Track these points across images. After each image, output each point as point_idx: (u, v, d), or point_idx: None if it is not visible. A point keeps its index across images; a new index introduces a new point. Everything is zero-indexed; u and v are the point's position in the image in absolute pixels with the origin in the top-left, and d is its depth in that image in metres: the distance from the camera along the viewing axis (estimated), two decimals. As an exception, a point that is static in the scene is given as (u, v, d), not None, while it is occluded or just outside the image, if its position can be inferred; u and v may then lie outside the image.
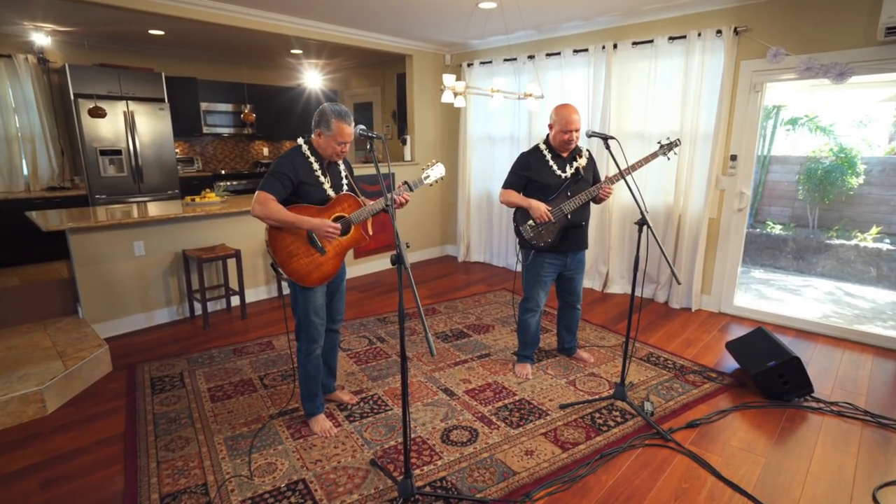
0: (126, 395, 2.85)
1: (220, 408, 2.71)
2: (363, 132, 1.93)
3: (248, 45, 5.99)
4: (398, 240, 1.73)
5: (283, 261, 2.26)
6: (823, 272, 6.17)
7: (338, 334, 2.71)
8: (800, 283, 5.69)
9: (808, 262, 6.41)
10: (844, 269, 6.15)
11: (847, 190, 6.61)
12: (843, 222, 6.75)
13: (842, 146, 6.62)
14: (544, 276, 2.94)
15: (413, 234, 5.90)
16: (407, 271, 1.70)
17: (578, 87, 4.66)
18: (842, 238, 6.48)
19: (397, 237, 1.73)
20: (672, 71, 4.07)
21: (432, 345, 1.58)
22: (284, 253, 2.26)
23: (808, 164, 6.89)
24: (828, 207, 6.94)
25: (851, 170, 6.48)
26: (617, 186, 2.96)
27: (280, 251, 2.25)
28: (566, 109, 2.76)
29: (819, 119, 6.87)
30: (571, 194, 2.79)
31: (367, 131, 1.93)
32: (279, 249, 2.25)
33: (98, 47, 5.67)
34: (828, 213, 6.99)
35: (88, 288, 3.57)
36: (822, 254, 6.41)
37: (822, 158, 6.80)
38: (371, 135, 1.91)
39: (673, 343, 3.56)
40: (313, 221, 2.25)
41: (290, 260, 2.27)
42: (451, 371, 3.14)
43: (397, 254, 1.72)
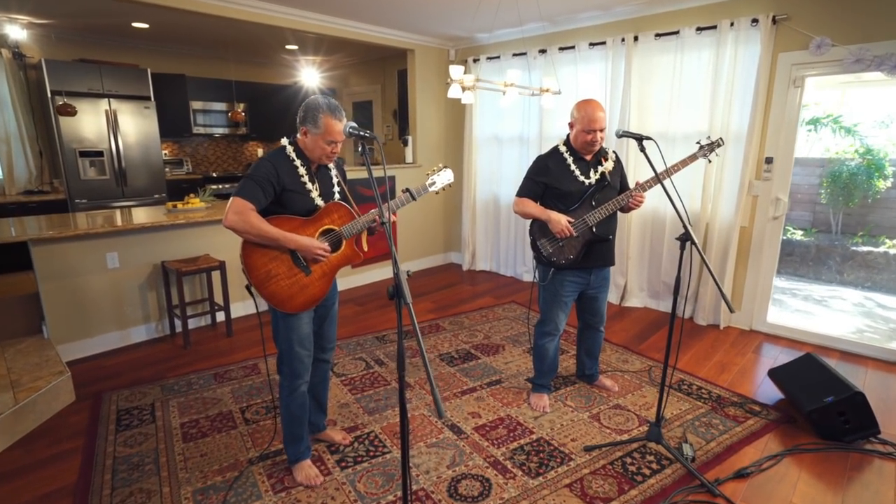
0: (86, 432, 2.49)
1: (192, 449, 2.35)
2: (354, 130, 1.57)
3: (241, 41, 5.64)
4: (396, 266, 1.37)
5: (259, 282, 1.90)
6: (850, 281, 5.80)
7: (329, 364, 2.35)
8: (825, 292, 5.31)
9: (833, 269, 6.05)
10: (873, 277, 5.78)
11: (873, 193, 6.24)
12: (868, 228, 6.38)
13: (868, 147, 6.26)
14: (564, 295, 2.57)
15: (415, 240, 5.54)
16: (408, 307, 1.34)
17: (595, 83, 4.30)
18: (868, 244, 6.10)
19: (395, 263, 1.37)
20: (700, 65, 3.71)
21: (440, 405, 1.22)
22: (262, 273, 1.90)
23: (832, 166, 6.52)
24: (851, 211, 6.57)
25: (879, 172, 6.11)
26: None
27: (256, 271, 1.89)
28: (589, 106, 2.40)
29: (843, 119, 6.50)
30: (596, 204, 2.42)
31: (359, 130, 1.57)
32: (255, 269, 1.89)
33: (78, 41, 5.32)
34: (852, 217, 6.61)
35: (54, 305, 3.22)
36: (848, 261, 6.04)
37: (846, 160, 6.43)
38: (363, 133, 1.55)
39: (705, 367, 3.19)
40: (301, 240, 1.89)
41: (268, 282, 1.91)
42: (458, 402, 2.78)
43: (395, 285, 1.36)
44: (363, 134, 1.54)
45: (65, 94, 4.74)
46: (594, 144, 2.40)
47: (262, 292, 1.91)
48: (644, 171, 4.00)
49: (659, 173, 2.23)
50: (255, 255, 1.89)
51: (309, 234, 1.96)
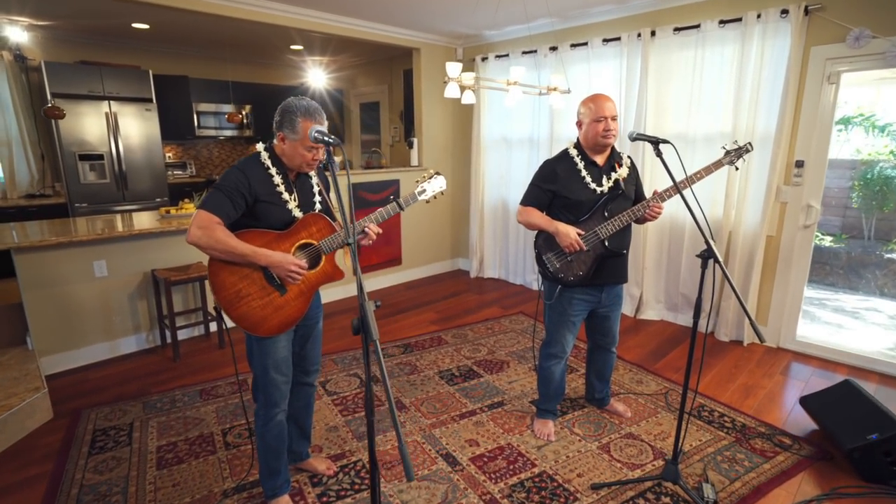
0: (58, 455, 2.34)
1: (164, 478, 2.18)
2: (320, 135, 1.37)
3: (245, 41, 5.51)
4: (362, 294, 1.16)
5: (228, 303, 1.71)
6: (885, 291, 5.43)
7: (313, 388, 2.16)
8: (858, 303, 4.97)
9: (866, 278, 5.68)
10: (910, 288, 5.41)
11: (911, 197, 5.86)
12: (905, 234, 6.00)
13: (905, 149, 5.87)
14: (573, 315, 2.34)
15: (421, 245, 5.34)
16: (375, 345, 1.13)
17: (608, 82, 4.04)
18: (905, 252, 5.73)
19: (361, 290, 1.17)
20: (723, 61, 3.44)
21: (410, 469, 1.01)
22: (231, 293, 1.71)
23: (864, 168, 6.15)
24: (885, 216, 6.18)
25: (917, 175, 5.72)
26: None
27: (225, 290, 1.71)
28: (596, 96, 2.21)
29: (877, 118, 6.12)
30: (609, 214, 2.19)
31: (325, 134, 1.37)
32: (224, 288, 1.71)
33: (80, 43, 5.25)
34: (885, 222, 6.22)
35: (39, 315, 3.09)
36: (883, 269, 5.67)
37: (880, 162, 6.05)
38: (329, 140, 1.35)
39: (727, 390, 2.92)
40: (273, 256, 1.70)
41: (237, 302, 1.72)
42: (455, 427, 2.56)
43: (360, 317, 1.16)
44: (328, 140, 1.34)
45: (65, 97, 4.66)
46: (608, 136, 2.16)
47: (232, 314, 1.72)
48: (664, 177, 3.74)
49: (679, 182, 1.99)
50: (224, 273, 1.70)
51: (284, 249, 1.76)
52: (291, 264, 1.72)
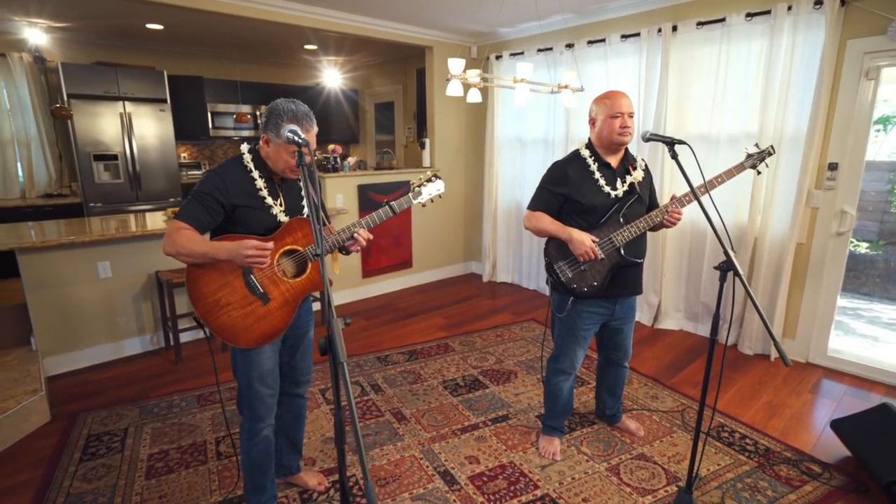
0: (49, 460, 2.30)
1: (151, 489, 2.11)
2: (293, 134, 1.26)
3: (259, 41, 5.49)
4: (329, 310, 1.05)
5: (207, 313, 1.62)
6: (927, 303, 5.09)
7: (304, 399, 2.07)
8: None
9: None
10: (955, 299, 5.06)
11: (955, 202, 5.49)
12: (949, 242, 5.62)
13: (949, 150, 5.50)
14: (584, 329, 2.18)
15: (433, 247, 5.23)
16: (342, 367, 1.02)
17: (626, 80, 3.86)
18: (949, 261, 5.37)
19: (328, 306, 1.05)
20: (750, 56, 3.23)
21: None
22: (209, 302, 1.63)
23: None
24: (927, 223, 5.81)
25: (962, 179, 5.36)
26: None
27: (203, 299, 1.62)
28: (611, 92, 2.08)
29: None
30: (625, 220, 2.04)
31: (297, 134, 1.26)
32: (202, 297, 1.62)
33: (96, 44, 5.30)
34: (926, 229, 5.86)
35: (43, 315, 3.08)
36: (923, 279, 5.33)
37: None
38: (299, 140, 1.25)
39: (750, 409, 2.73)
40: (227, 246, 1.55)
41: (217, 312, 1.63)
42: (456, 442, 2.44)
43: (328, 337, 1.05)
44: (298, 140, 1.24)
45: (81, 97, 4.70)
46: (625, 134, 2.01)
47: (211, 324, 1.63)
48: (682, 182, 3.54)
49: (698, 186, 1.83)
50: (202, 281, 1.62)
51: (267, 255, 1.67)
52: (247, 248, 1.53)
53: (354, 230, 1.79)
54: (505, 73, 4.74)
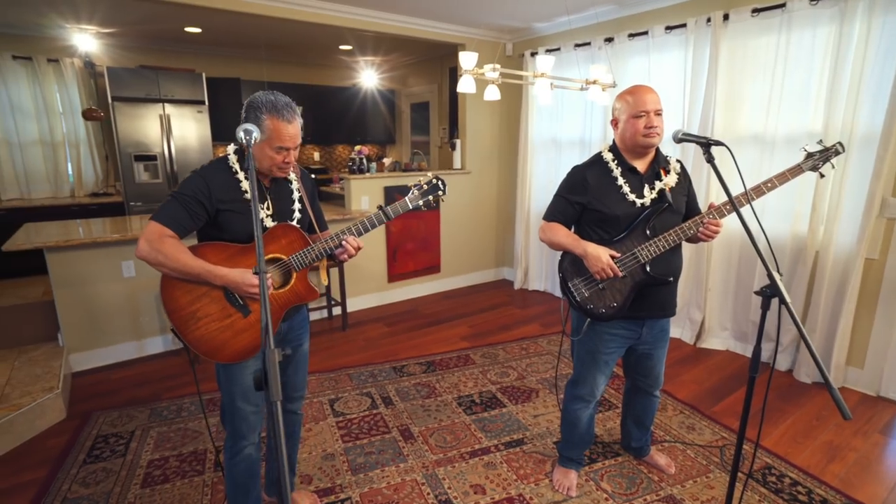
0: (55, 461, 2.30)
1: (145, 498, 2.06)
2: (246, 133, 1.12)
3: (294, 43, 5.51)
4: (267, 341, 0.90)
5: (182, 324, 1.52)
6: None
7: (298, 416, 1.95)
8: None
9: None
10: None
11: None
12: None
13: None
14: (605, 352, 1.95)
15: (464, 252, 5.06)
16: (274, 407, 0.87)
17: (670, 76, 3.54)
18: None
19: (267, 335, 0.91)
20: (814, 45, 2.86)
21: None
22: (186, 314, 1.53)
23: None
24: None
25: None
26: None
27: (179, 311, 1.52)
28: (635, 87, 1.82)
29: None
30: (652, 233, 1.79)
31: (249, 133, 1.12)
32: (178, 309, 1.52)
33: (140, 49, 5.47)
34: None
35: (69, 313, 3.15)
36: None
37: None
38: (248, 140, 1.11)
39: (805, 449, 2.38)
40: (231, 275, 1.49)
41: (194, 324, 1.53)
42: (463, 467, 2.25)
43: (262, 370, 0.90)
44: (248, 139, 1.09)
45: (124, 100, 4.86)
46: (651, 135, 1.76)
47: (188, 337, 1.53)
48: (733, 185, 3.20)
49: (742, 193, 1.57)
50: (178, 291, 1.52)
51: (248, 265, 1.55)
52: (249, 284, 1.50)
53: (343, 237, 1.65)
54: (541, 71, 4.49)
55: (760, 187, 1.70)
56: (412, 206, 1.74)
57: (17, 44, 4.83)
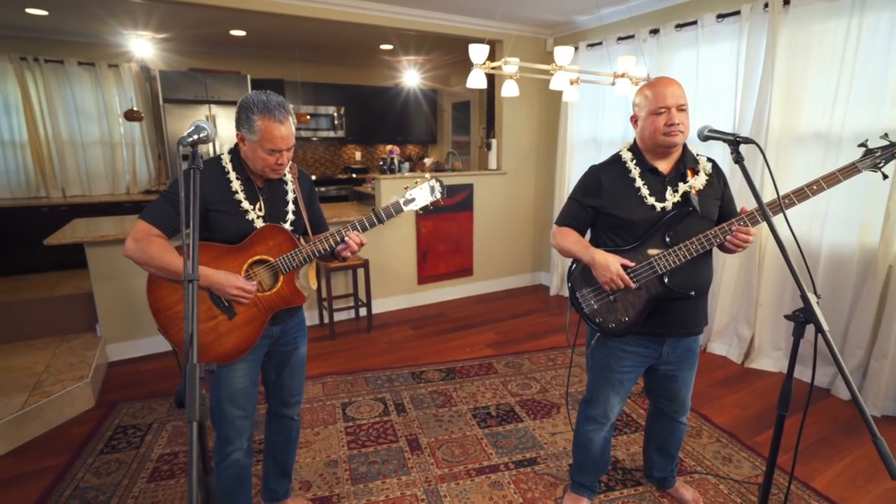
0: (75, 449, 2.38)
1: (148, 493, 2.08)
2: (188, 136, 1.05)
3: (335, 43, 5.57)
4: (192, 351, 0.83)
5: (166, 324, 1.50)
6: None
7: (294, 421, 1.90)
8: None
9: None
10: None
11: None
12: None
13: None
14: (619, 371, 1.77)
15: (497, 256, 4.91)
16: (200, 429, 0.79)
17: (721, 69, 3.24)
18: None
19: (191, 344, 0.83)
20: (893, 29, 2.50)
21: None
22: (171, 314, 1.50)
23: None
24: None
25: None
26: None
27: (164, 311, 1.50)
28: (656, 80, 1.63)
29: None
30: (672, 241, 1.59)
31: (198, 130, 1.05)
32: (163, 308, 1.50)
33: (190, 52, 5.70)
34: None
35: (107, 305, 3.29)
36: None
37: None
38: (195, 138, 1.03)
39: (865, 495, 2.07)
40: (215, 276, 1.45)
41: (178, 324, 1.51)
42: (468, 485, 2.13)
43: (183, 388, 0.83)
44: (189, 139, 1.02)
45: (174, 102, 5.09)
46: (672, 134, 1.56)
47: (172, 337, 1.51)
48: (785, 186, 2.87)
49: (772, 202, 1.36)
50: (162, 291, 1.50)
51: (234, 266, 1.51)
52: (233, 286, 1.45)
53: (346, 233, 1.57)
54: (583, 67, 4.27)
55: (804, 191, 1.47)
56: (405, 209, 1.64)
57: (82, 51, 5.16)
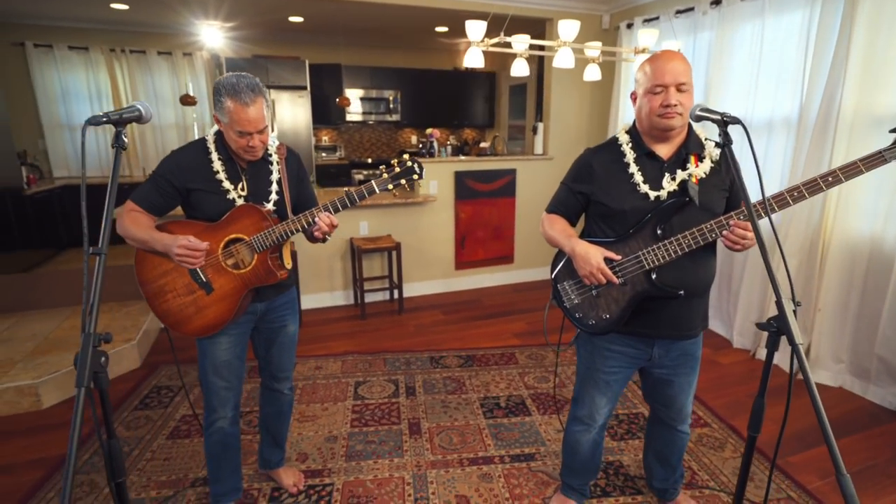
0: (117, 402, 2.65)
1: (165, 449, 2.27)
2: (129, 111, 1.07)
3: (390, 27, 5.62)
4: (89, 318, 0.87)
5: (151, 298, 1.61)
6: None
7: (286, 395, 1.97)
8: None
9: None
10: None
11: None
12: None
13: None
14: (604, 371, 1.65)
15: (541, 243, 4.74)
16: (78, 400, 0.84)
17: (789, 43, 2.86)
18: None
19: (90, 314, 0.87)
20: None
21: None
22: (154, 287, 1.60)
23: None
24: None
25: None
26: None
27: (148, 284, 1.61)
28: (657, 55, 1.45)
29: None
30: (665, 233, 1.44)
31: (127, 112, 1.07)
32: (148, 281, 1.61)
33: (254, 40, 6.00)
34: None
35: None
36: None
37: None
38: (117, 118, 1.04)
39: (906, 535, 1.79)
40: (164, 239, 1.51)
41: (161, 297, 1.61)
42: (458, 473, 2.10)
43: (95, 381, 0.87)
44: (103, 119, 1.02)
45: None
46: (668, 116, 1.39)
47: (155, 311, 1.61)
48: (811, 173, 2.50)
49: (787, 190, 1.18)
50: (147, 266, 1.60)
51: (212, 242, 1.58)
52: (177, 246, 1.48)
53: (316, 214, 1.59)
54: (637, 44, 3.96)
55: (817, 183, 1.26)
56: (379, 190, 1.61)
57: (160, 41, 5.62)
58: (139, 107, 1.09)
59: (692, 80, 1.43)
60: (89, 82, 5.46)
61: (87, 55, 5.40)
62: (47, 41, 5.26)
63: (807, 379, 0.91)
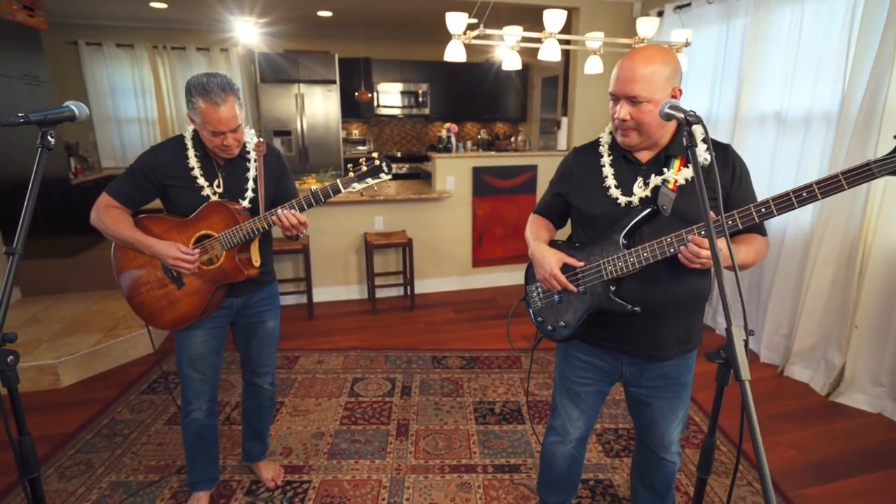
0: (125, 386, 2.77)
1: (159, 434, 2.35)
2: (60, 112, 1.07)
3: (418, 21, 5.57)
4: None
5: (128, 291, 1.65)
6: None
7: (266, 390, 1.99)
8: None
9: None
10: None
11: None
12: None
13: None
14: (574, 381, 1.55)
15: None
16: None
17: (831, 29, 2.59)
18: None
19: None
20: None
21: None
22: (130, 281, 1.64)
23: None
24: None
25: None
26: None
27: (124, 276, 1.64)
28: (624, 56, 1.29)
29: None
30: (629, 243, 1.32)
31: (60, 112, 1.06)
32: (124, 276, 1.64)
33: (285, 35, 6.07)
34: None
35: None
36: None
37: None
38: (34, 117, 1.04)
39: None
40: (158, 246, 1.55)
41: (135, 291, 1.64)
42: (436, 480, 2.05)
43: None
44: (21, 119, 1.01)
45: (269, 82, 5.53)
46: (623, 131, 1.29)
47: (131, 303, 1.65)
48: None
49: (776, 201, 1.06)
50: (124, 260, 1.64)
51: (181, 239, 1.59)
52: (172, 257, 1.53)
53: (272, 213, 1.57)
54: (666, 35, 3.73)
55: (789, 198, 1.10)
56: (344, 189, 1.57)
57: (198, 37, 5.82)
58: (72, 106, 1.09)
59: (665, 87, 1.24)
60: (134, 78, 5.74)
61: (133, 52, 5.68)
62: (97, 39, 5.56)
63: (751, 420, 0.79)
